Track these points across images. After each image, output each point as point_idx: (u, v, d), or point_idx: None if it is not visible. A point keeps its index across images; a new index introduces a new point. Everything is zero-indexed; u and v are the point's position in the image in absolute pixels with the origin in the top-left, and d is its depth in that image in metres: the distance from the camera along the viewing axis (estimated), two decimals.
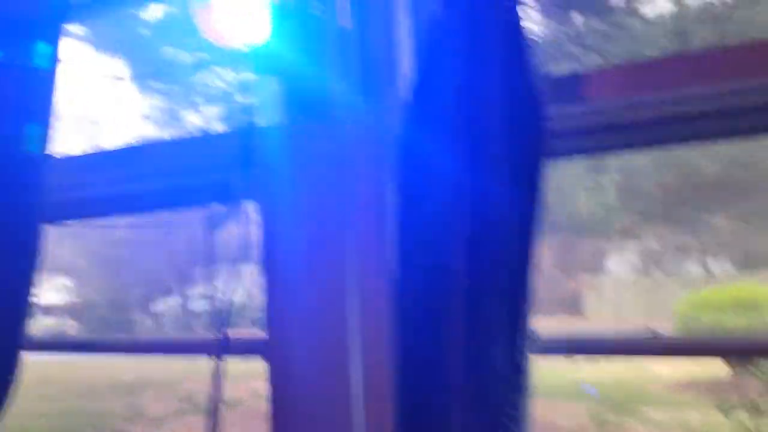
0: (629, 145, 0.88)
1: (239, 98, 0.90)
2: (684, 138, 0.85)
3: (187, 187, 1.06)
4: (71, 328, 3.76)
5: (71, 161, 1.05)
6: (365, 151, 0.88)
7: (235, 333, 0.90)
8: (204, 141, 0.97)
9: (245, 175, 0.93)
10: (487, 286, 0.65)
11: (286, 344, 0.92)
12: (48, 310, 3.66)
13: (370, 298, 0.86)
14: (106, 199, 1.09)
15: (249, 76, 0.90)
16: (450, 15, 0.68)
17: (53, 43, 0.88)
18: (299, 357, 0.90)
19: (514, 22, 0.66)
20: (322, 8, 0.86)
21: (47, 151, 0.89)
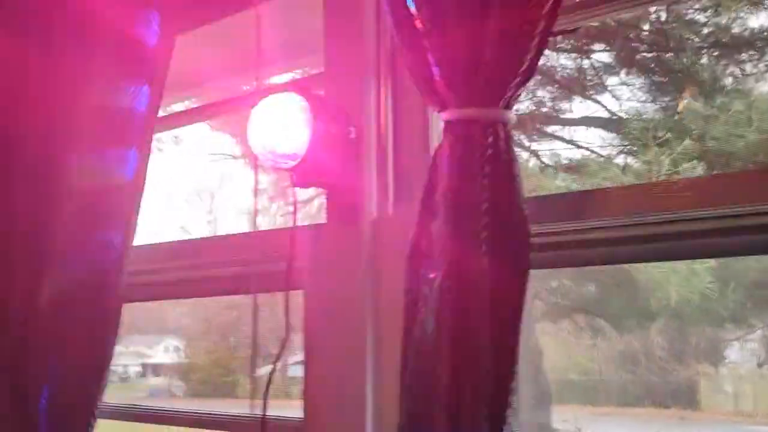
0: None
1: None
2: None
3: (246, 275, 1.19)
4: (177, 388, 4.01)
5: (151, 247, 1.22)
6: (393, 249, 0.97)
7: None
8: (260, 235, 1.09)
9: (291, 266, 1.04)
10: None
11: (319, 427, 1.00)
12: (157, 370, 3.94)
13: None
14: (177, 282, 1.25)
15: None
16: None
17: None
18: None
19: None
20: (358, 130, 0.98)
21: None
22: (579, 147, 2.14)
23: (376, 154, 1.01)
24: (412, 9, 0.78)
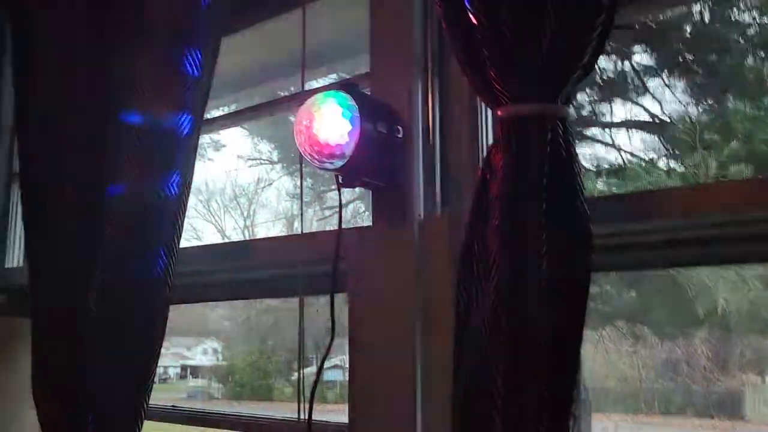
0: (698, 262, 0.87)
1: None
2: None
3: (290, 277, 1.18)
4: (216, 390, 4.03)
5: (197, 249, 1.22)
6: (441, 250, 0.95)
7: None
8: (306, 238, 1.08)
9: (337, 269, 1.02)
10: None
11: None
12: (196, 371, 3.97)
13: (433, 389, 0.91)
14: (223, 285, 1.25)
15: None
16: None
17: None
18: None
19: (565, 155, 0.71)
20: (405, 130, 0.97)
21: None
22: (620, 150, 2.09)
23: (423, 153, 0.99)
24: (466, 4, 0.76)
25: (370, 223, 1.03)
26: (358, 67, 1.44)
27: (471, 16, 0.76)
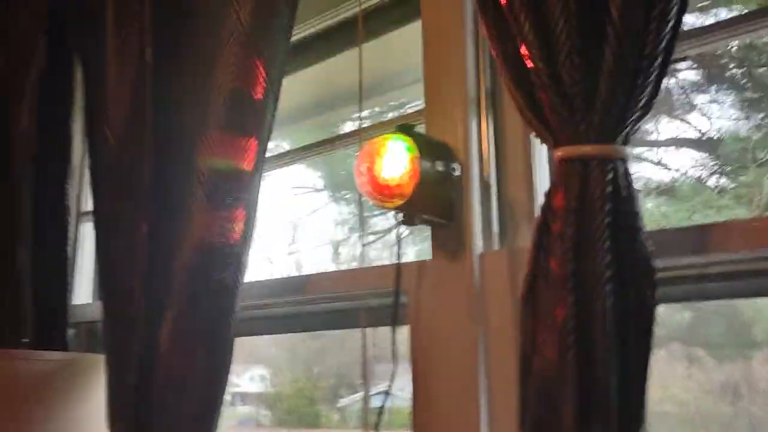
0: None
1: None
2: None
3: (349, 309, 1.21)
4: (264, 417, 4.07)
5: (258, 284, 1.26)
6: (499, 284, 0.97)
7: None
8: (366, 271, 1.11)
9: (398, 301, 1.05)
10: None
11: None
12: (245, 398, 4.01)
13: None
14: (284, 317, 1.29)
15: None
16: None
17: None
18: None
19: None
20: (462, 167, 0.99)
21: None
22: (669, 169, 2.07)
23: (480, 190, 1.02)
24: (523, 50, 0.79)
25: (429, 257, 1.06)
26: (409, 98, 1.48)
27: (527, 60, 0.79)
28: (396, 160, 0.94)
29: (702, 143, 2.03)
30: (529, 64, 0.78)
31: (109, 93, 1.22)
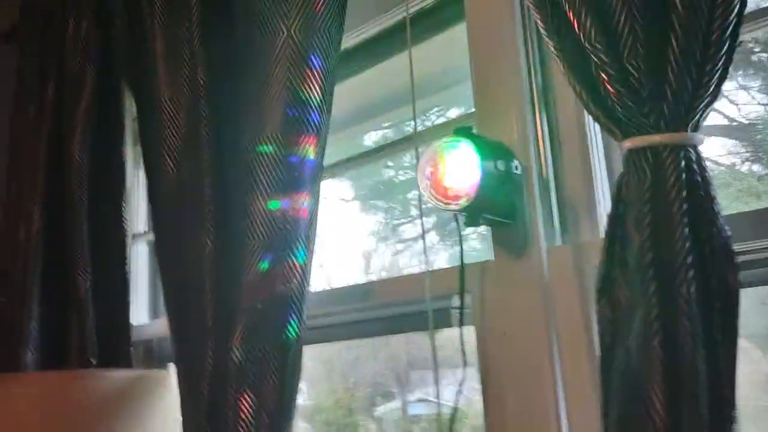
0: None
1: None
2: None
3: (409, 314, 1.22)
4: (304, 430, 4.09)
5: (323, 293, 1.28)
6: (566, 281, 0.98)
7: None
8: (427, 275, 1.13)
9: (462, 303, 1.06)
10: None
11: None
12: None
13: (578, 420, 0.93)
14: (342, 325, 1.31)
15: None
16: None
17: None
18: None
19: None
20: (522, 165, 1.01)
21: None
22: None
23: (539, 186, 1.03)
24: (586, 44, 0.80)
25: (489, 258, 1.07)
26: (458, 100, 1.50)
27: (591, 55, 0.80)
28: (458, 163, 0.96)
29: (732, 129, 2.02)
30: (592, 57, 0.79)
31: (163, 117, 1.25)
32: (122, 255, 1.53)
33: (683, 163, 0.74)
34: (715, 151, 2.05)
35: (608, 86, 0.78)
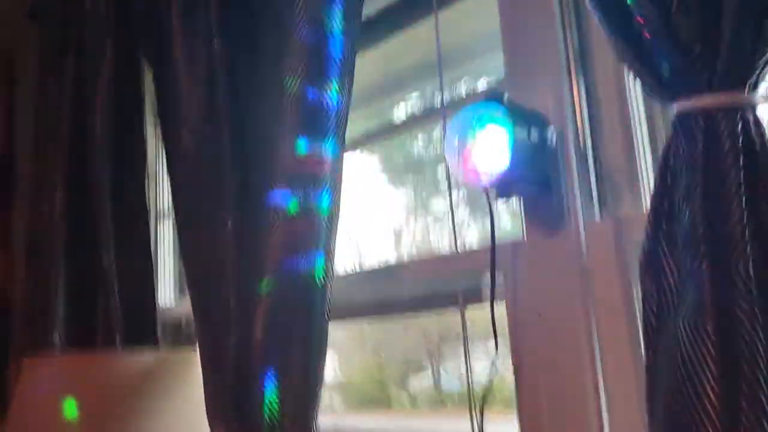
0: None
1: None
2: None
3: (439, 293, 1.17)
4: (336, 404, 4.10)
5: (345, 277, 1.24)
6: (605, 258, 0.91)
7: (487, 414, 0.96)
8: (460, 255, 1.08)
9: (493, 283, 1.01)
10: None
11: None
12: None
13: (619, 404, 0.87)
14: (372, 305, 1.26)
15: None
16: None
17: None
18: None
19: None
20: (557, 137, 0.94)
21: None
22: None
23: (576, 157, 0.96)
24: (628, 2, 0.72)
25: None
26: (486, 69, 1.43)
27: (633, 8, 0.72)
28: (488, 133, 0.89)
29: None
30: (639, 19, 0.72)
31: (183, 93, 1.21)
32: (146, 232, 1.50)
33: (740, 126, 0.66)
34: None
35: (654, 43, 0.70)
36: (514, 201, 1.01)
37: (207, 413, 1.15)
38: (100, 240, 1.46)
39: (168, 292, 1.70)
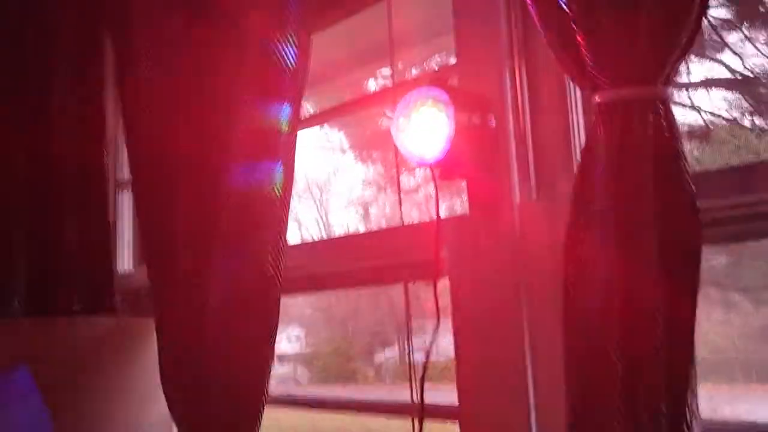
0: None
1: None
2: None
3: (395, 265, 1.22)
4: (301, 376, 4.18)
5: (304, 246, 1.28)
6: (539, 235, 0.97)
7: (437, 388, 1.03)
8: (407, 229, 1.13)
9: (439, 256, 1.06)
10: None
11: (476, 412, 1.02)
12: (282, 359, 4.12)
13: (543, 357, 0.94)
14: (330, 276, 1.31)
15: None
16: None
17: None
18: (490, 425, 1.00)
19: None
20: (497, 119, 0.99)
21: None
22: (701, 111, 2.02)
23: (515, 140, 1.01)
24: None
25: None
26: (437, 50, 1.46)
27: (563, 3, 0.77)
28: (433, 115, 0.94)
29: (735, 83, 1.97)
30: (565, 8, 0.77)
31: (141, 59, 1.22)
32: (104, 200, 1.53)
33: (651, 117, 0.72)
34: (717, 104, 2.00)
35: (579, 36, 0.76)
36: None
37: (162, 379, 1.19)
38: (60, 208, 1.48)
39: (127, 260, 1.73)
